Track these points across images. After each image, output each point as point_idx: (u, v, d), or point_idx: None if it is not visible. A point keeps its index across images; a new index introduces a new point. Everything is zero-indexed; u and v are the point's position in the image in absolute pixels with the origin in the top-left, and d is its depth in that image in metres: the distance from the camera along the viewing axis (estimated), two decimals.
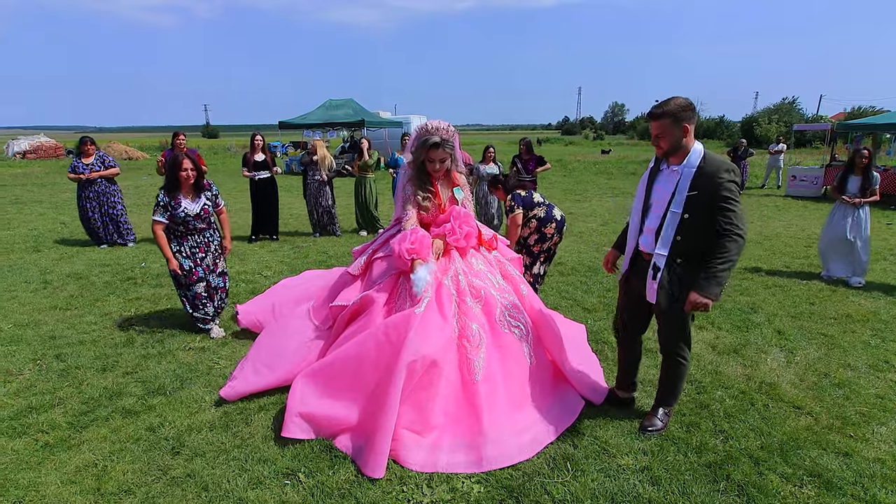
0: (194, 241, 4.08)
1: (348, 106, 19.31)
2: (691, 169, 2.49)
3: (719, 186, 2.42)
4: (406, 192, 3.23)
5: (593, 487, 2.43)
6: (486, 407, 2.75)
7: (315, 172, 8.01)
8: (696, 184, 2.46)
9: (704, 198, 2.45)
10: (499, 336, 3.00)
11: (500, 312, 3.05)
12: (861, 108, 36.33)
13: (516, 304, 3.16)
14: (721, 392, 3.30)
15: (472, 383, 2.81)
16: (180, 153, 4.00)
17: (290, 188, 14.59)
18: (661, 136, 2.52)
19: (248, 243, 7.66)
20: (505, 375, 2.94)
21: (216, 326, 4.25)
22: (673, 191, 2.54)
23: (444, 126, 3.13)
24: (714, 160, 2.49)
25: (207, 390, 3.34)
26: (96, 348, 3.97)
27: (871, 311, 4.81)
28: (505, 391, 2.89)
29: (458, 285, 3.03)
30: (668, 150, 2.55)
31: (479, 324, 2.94)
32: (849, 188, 5.61)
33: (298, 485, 2.47)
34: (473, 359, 2.86)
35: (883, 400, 3.25)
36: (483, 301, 3.04)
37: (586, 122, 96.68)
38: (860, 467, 2.58)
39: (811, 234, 8.45)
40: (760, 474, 2.52)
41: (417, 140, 3.17)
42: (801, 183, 13.45)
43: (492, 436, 2.66)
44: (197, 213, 4.00)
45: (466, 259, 3.21)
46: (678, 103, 2.49)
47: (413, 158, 3.21)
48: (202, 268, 4.11)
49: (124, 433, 2.89)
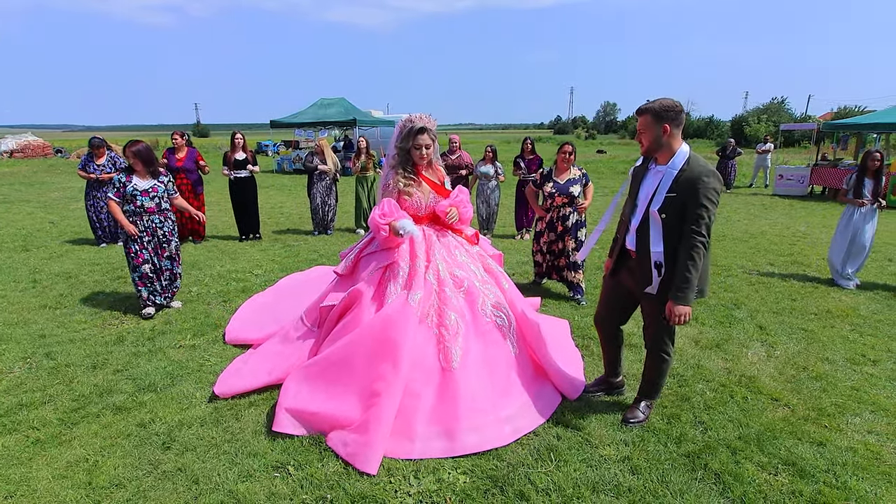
0: (143, 224, 4.45)
1: (340, 105, 19.31)
2: (674, 170, 2.54)
3: (699, 192, 2.45)
4: (386, 182, 3.33)
5: (575, 477, 2.50)
6: (464, 394, 2.81)
7: (324, 171, 8.02)
8: (677, 186, 2.51)
9: (682, 200, 2.49)
10: (481, 325, 3.09)
11: (483, 303, 3.13)
12: (848, 108, 36.79)
13: (498, 296, 3.26)
14: (702, 385, 3.39)
15: (448, 371, 2.88)
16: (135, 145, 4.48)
17: (280, 187, 14.59)
18: (643, 132, 2.60)
19: (239, 242, 7.67)
20: (488, 363, 3.01)
21: (175, 302, 4.87)
22: (654, 190, 2.60)
23: (425, 116, 3.29)
24: (698, 164, 2.53)
25: (198, 387, 3.37)
26: (86, 346, 3.99)
27: (850, 307, 4.93)
28: (488, 378, 2.97)
29: (439, 275, 3.13)
30: (649, 147, 2.61)
31: (458, 313, 3.02)
32: (864, 192, 5.50)
33: (288, 477, 2.51)
34: (451, 347, 2.93)
35: (858, 392, 3.35)
36: (465, 291, 3.13)
37: (578, 121, 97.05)
38: (833, 456, 2.67)
39: (796, 232, 8.60)
40: (737, 463, 2.60)
41: (402, 130, 3.29)
42: (787, 182, 13.64)
43: (468, 423, 2.73)
44: (145, 189, 4.43)
45: (450, 251, 3.30)
46: (662, 103, 2.55)
47: (399, 149, 3.31)
48: (147, 250, 4.50)
49: (115, 429, 2.92)
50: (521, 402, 2.98)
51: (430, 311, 3.02)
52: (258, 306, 4.74)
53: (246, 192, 7.67)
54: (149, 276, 4.52)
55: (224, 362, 3.68)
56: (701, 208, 2.45)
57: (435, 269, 3.15)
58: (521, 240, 7.93)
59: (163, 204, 4.55)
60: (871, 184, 5.53)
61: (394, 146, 3.35)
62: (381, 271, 3.17)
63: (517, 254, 6.99)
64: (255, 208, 7.87)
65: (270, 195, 12.84)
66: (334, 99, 19.81)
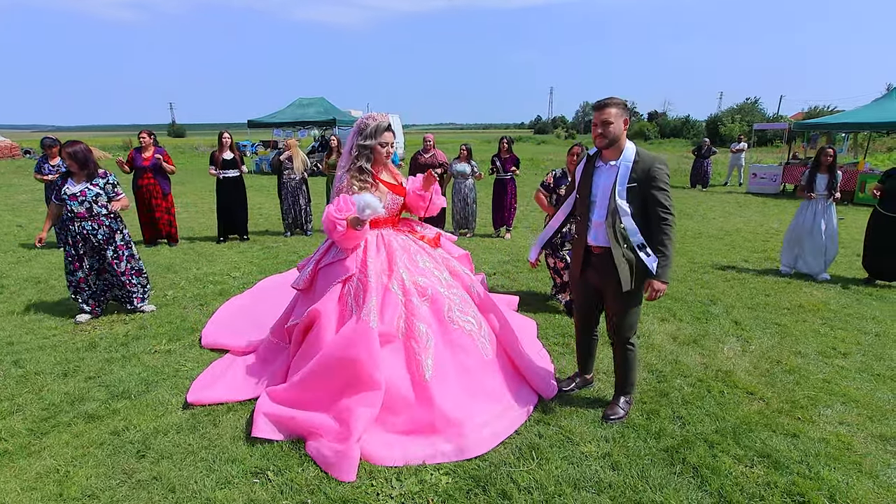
0: (75, 229, 4.29)
1: (319, 104, 19.13)
2: (628, 163, 2.69)
3: (654, 177, 2.65)
4: (341, 184, 3.14)
5: (557, 474, 2.52)
6: (440, 404, 2.78)
7: (291, 171, 7.93)
8: (635, 176, 2.68)
9: (641, 188, 2.68)
10: (449, 333, 3.04)
11: (449, 309, 3.08)
12: (818, 108, 37.87)
13: (465, 300, 3.21)
14: (680, 380, 3.45)
15: (422, 382, 2.85)
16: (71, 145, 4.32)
17: (259, 188, 14.37)
18: (611, 122, 2.66)
19: (217, 244, 7.54)
20: (459, 370, 2.98)
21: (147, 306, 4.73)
22: (613, 184, 2.71)
23: (382, 114, 3.19)
24: (647, 155, 2.72)
25: (174, 393, 3.30)
26: (56, 353, 3.87)
27: (822, 302, 5.07)
28: (461, 385, 2.94)
29: (403, 285, 3.05)
30: (610, 140, 2.68)
31: (426, 323, 2.97)
32: (817, 186, 5.78)
33: (267, 483, 2.47)
34: (422, 359, 2.88)
35: (830, 384, 3.44)
36: (430, 299, 3.07)
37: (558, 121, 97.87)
38: (806, 447, 2.74)
39: (769, 230, 8.81)
40: (714, 457, 2.65)
41: (365, 128, 3.11)
42: (761, 180, 13.97)
43: (447, 433, 2.70)
44: (73, 194, 4.24)
45: (411, 257, 3.22)
46: (622, 99, 2.70)
47: (360, 147, 3.11)
48: (80, 257, 4.34)
49: (87, 438, 2.84)
50: (498, 408, 2.95)
51: (399, 323, 2.95)
52: (236, 309, 4.67)
53: (234, 193, 7.57)
54: (79, 284, 4.38)
55: (201, 367, 3.61)
56: (661, 192, 2.66)
57: (399, 278, 3.06)
58: (500, 238, 7.97)
59: (95, 209, 4.27)
60: (826, 178, 5.76)
61: (352, 145, 3.15)
62: (340, 285, 3.05)
63: (498, 253, 7.02)
64: (244, 209, 7.76)
65: (249, 196, 12.57)
66: (313, 98, 19.62)
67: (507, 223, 8.06)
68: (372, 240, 3.19)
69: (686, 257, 6.75)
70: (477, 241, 7.84)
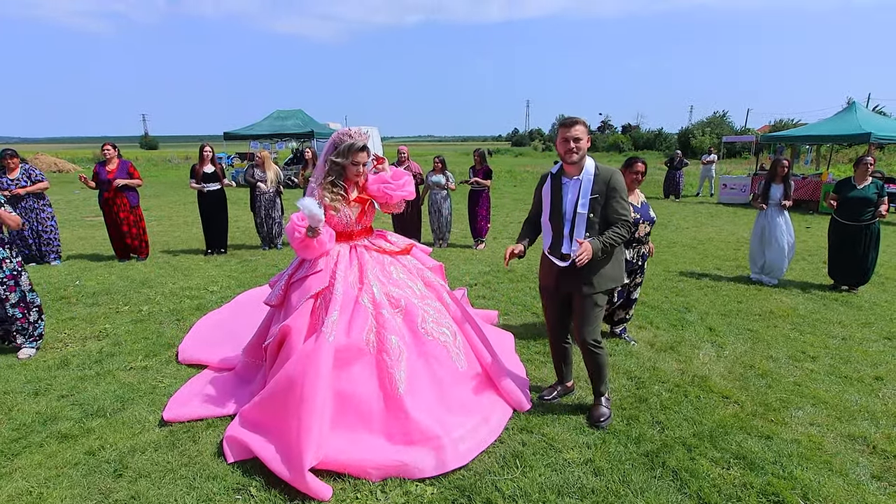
0: None
1: (297, 116, 19.06)
2: (590, 176, 2.89)
3: (612, 187, 2.88)
4: (312, 195, 3.12)
5: (541, 482, 2.54)
6: (416, 419, 2.72)
7: (264, 184, 7.88)
8: (595, 188, 2.89)
9: (601, 198, 2.89)
10: (423, 344, 3.00)
11: (423, 320, 3.05)
12: (783, 121, 39.28)
13: (440, 310, 3.20)
14: (658, 386, 3.52)
15: (395, 397, 2.79)
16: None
17: (236, 200, 14.17)
18: (581, 139, 2.85)
19: (204, 256, 7.42)
20: (433, 383, 2.94)
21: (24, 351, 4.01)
22: (577, 197, 2.89)
23: (365, 132, 3.20)
24: (605, 168, 2.95)
25: (151, 410, 3.23)
26: (27, 372, 3.75)
27: (791, 308, 5.25)
28: (435, 398, 2.90)
29: (374, 297, 3.02)
30: (581, 155, 2.87)
31: (398, 336, 2.92)
32: (772, 195, 6.05)
33: (250, 499, 2.44)
34: (394, 372, 2.83)
35: (800, 387, 3.56)
36: (403, 311, 3.04)
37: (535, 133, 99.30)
38: (779, 448, 2.83)
39: (740, 238, 9.08)
40: (692, 460, 2.71)
41: (339, 145, 3.12)
42: (731, 191, 14.41)
43: (424, 448, 2.65)
44: None
45: (384, 268, 3.20)
46: (585, 119, 2.92)
47: (332, 163, 3.12)
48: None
49: (61, 458, 2.75)
50: (473, 421, 2.91)
51: (369, 337, 2.90)
52: (213, 324, 4.59)
53: (215, 206, 7.47)
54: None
55: (178, 383, 3.54)
56: (619, 200, 2.90)
57: (369, 290, 3.03)
58: (477, 249, 8.04)
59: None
60: (780, 188, 6.02)
61: (325, 160, 3.16)
62: (311, 300, 3.01)
63: (478, 263, 7.07)
64: (224, 223, 7.67)
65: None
66: (291, 111, 19.54)
67: (481, 234, 8.15)
68: (345, 252, 3.19)
69: (661, 266, 6.92)
70: (457, 251, 7.89)
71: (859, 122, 12.21)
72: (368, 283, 3.07)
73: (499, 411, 3.09)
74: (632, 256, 4.12)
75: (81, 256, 7.41)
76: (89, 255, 7.53)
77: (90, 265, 6.95)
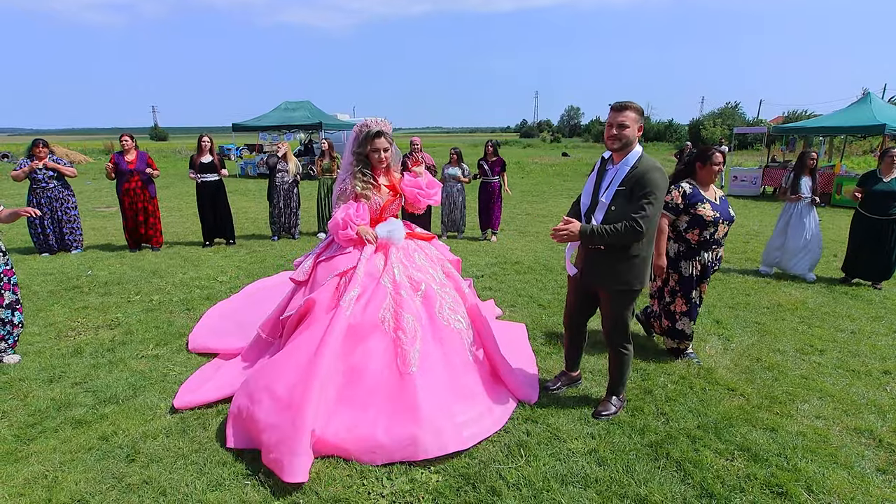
0: None
1: (305, 108, 19.10)
2: (627, 167, 2.72)
3: (644, 182, 2.65)
4: (343, 186, 3.24)
5: (545, 471, 2.57)
6: (424, 398, 2.76)
7: (284, 174, 7.92)
8: (627, 180, 2.70)
9: (629, 192, 2.69)
10: (439, 329, 3.06)
11: (440, 306, 3.12)
12: (796, 112, 38.71)
13: (457, 300, 3.26)
14: (664, 378, 3.53)
15: (407, 375, 2.83)
16: None
17: (245, 191, 14.29)
18: (627, 126, 2.69)
19: (203, 248, 7.49)
20: (445, 367, 2.99)
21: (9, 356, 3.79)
22: (609, 184, 2.77)
23: (381, 120, 3.24)
24: (648, 161, 2.73)
25: (162, 397, 3.29)
26: (41, 359, 3.83)
27: (799, 301, 5.21)
28: (447, 382, 2.94)
29: (394, 278, 3.08)
30: (623, 143, 2.71)
31: (415, 316, 2.98)
32: (802, 189, 5.90)
33: (259, 485, 2.49)
34: (409, 350, 2.88)
35: (807, 380, 3.55)
36: (423, 295, 3.11)
37: (544, 125, 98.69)
38: (784, 440, 2.83)
39: (750, 231, 9.01)
40: (696, 451, 2.73)
41: (359, 135, 3.24)
42: (741, 183, 14.27)
43: (429, 427, 2.68)
44: None
45: (408, 254, 3.28)
46: (640, 106, 2.74)
47: (356, 154, 3.24)
48: None
49: (75, 443, 2.82)
50: (478, 409, 2.95)
51: (385, 315, 2.97)
52: (223, 313, 4.65)
53: (214, 197, 7.51)
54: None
55: (188, 371, 3.60)
56: (646, 196, 2.63)
57: (390, 272, 3.10)
58: (487, 241, 8.04)
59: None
60: (809, 181, 5.91)
61: (350, 152, 3.28)
62: (337, 278, 3.10)
63: (486, 255, 7.08)
64: (228, 213, 7.72)
65: (234, 200, 12.52)
66: (299, 102, 19.57)
67: (494, 226, 8.14)
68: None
69: None
70: (465, 243, 7.90)
71: (874, 114, 12.03)
72: (391, 265, 3.15)
73: (504, 403, 3.13)
74: (710, 259, 3.74)
75: (94, 246, 7.51)
76: (101, 245, 7.62)
77: (102, 255, 7.05)
